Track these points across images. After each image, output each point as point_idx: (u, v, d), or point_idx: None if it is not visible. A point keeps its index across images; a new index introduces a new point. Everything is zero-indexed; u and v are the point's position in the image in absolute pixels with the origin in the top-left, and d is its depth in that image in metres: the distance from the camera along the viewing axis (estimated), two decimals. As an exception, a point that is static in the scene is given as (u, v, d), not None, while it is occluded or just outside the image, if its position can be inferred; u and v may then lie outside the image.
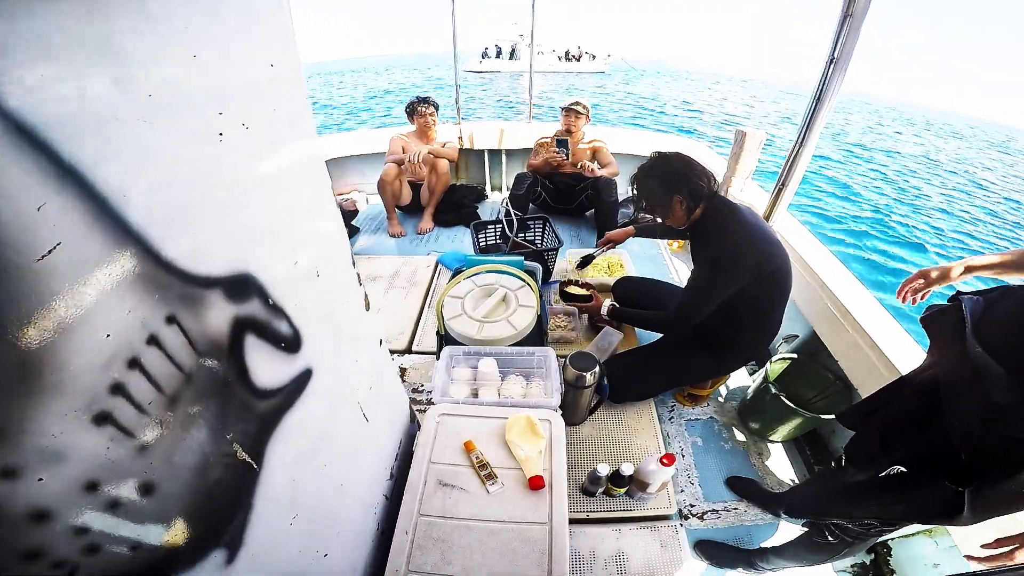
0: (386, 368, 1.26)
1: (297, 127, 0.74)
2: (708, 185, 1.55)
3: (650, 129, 13.32)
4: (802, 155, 2.09)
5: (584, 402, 1.76)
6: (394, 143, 3.39)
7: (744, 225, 1.51)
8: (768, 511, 1.73)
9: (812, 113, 1.99)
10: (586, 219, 3.74)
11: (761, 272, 1.50)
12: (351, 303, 1.00)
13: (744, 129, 2.67)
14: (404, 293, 2.61)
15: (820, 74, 1.92)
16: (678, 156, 1.59)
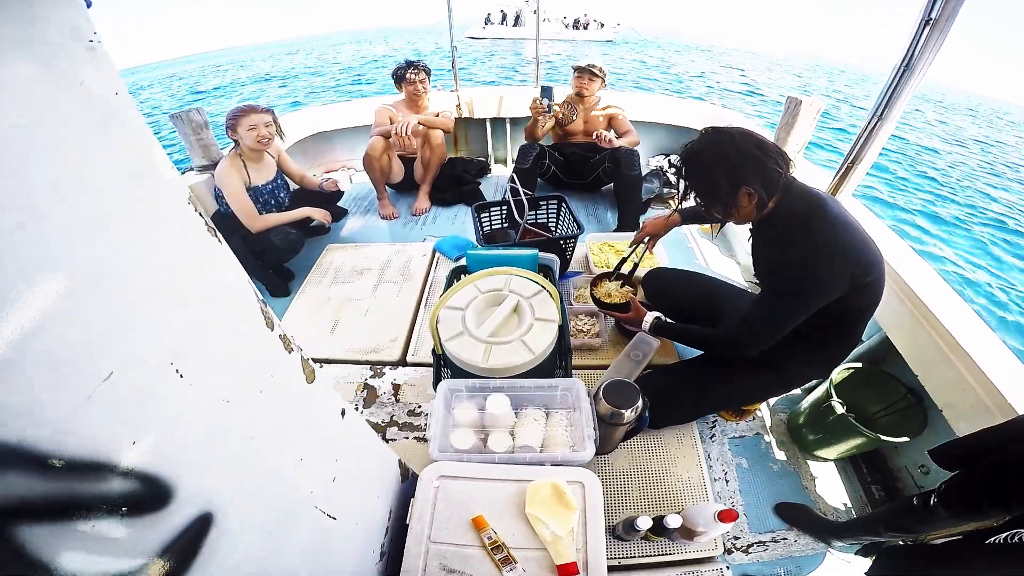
0: (356, 439, 0.95)
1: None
2: (785, 170, 1.19)
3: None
4: (880, 130, 1.71)
5: (617, 436, 1.46)
6: (381, 114, 2.98)
7: (833, 223, 1.16)
8: (821, 540, 1.51)
9: (897, 81, 1.61)
10: (603, 195, 3.35)
11: (855, 283, 1.16)
12: (282, 385, 0.68)
13: (798, 96, 2.28)
14: (397, 288, 2.28)
15: (911, 36, 1.54)
16: (742, 132, 1.19)
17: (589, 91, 2.96)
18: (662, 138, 3.71)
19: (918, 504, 1.17)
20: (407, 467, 1.23)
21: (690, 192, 1.29)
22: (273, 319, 0.63)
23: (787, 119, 2.33)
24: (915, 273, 1.64)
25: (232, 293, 0.57)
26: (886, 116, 1.68)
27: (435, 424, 1.23)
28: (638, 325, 1.57)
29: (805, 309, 1.19)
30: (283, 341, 0.65)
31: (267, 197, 2.44)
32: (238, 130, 2.26)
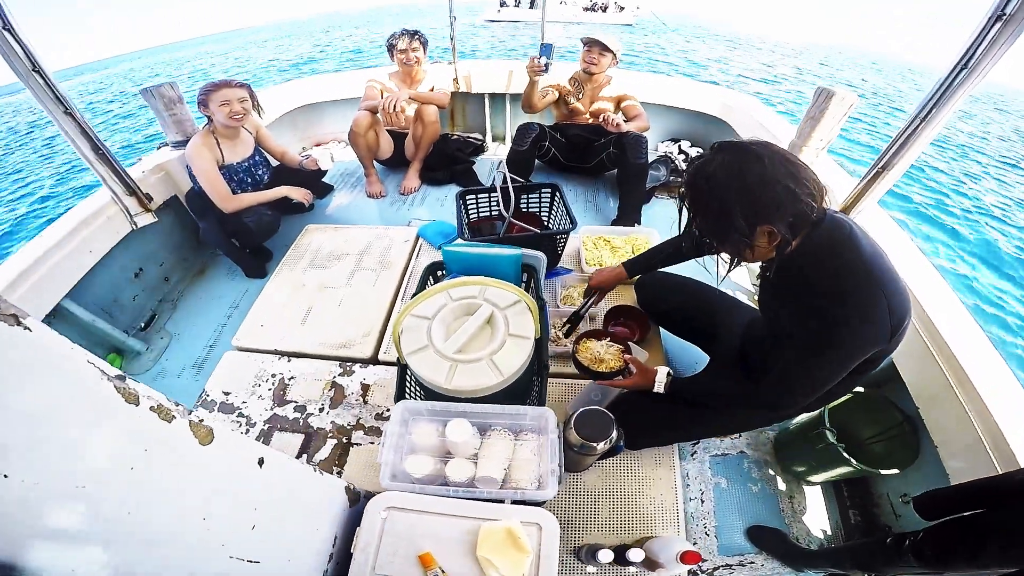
0: (283, 483, 0.86)
1: None
2: (820, 204, 0.96)
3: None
4: (923, 133, 1.52)
5: (589, 460, 1.38)
6: (370, 88, 2.81)
7: (869, 267, 0.96)
8: (789, 566, 1.47)
9: (952, 80, 1.42)
10: (604, 180, 3.17)
11: (893, 333, 0.98)
12: (164, 456, 0.60)
13: (830, 88, 2.08)
14: (374, 277, 2.16)
15: (977, 30, 1.35)
16: (772, 154, 0.94)
17: (598, 67, 2.75)
18: (673, 122, 3.51)
19: (890, 544, 1.13)
20: (357, 491, 1.15)
21: (696, 223, 1.06)
22: (138, 394, 0.53)
23: (814, 112, 2.13)
24: (934, 297, 1.51)
25: (69, 382, 0.47)
26: (932, 118, 1.49)
27: (388, 448, 1.14)
28: (649, 388, 1.36)
29: (849, 366, 1.01)
30: (159, 412, 0.55)
31: (243, 176, 2.31)
32: (209, 106, 2.13)
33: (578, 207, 2.91)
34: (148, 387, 0.57)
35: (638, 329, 1.83)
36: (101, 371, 0.50)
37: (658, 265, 1.67)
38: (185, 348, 2.14)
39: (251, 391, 1.71)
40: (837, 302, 0.96)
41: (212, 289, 2.42)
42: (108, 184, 1.99)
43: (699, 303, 1.63)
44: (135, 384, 0.54)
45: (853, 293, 0.95)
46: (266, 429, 1.61)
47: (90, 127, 1.84)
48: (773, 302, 1.17)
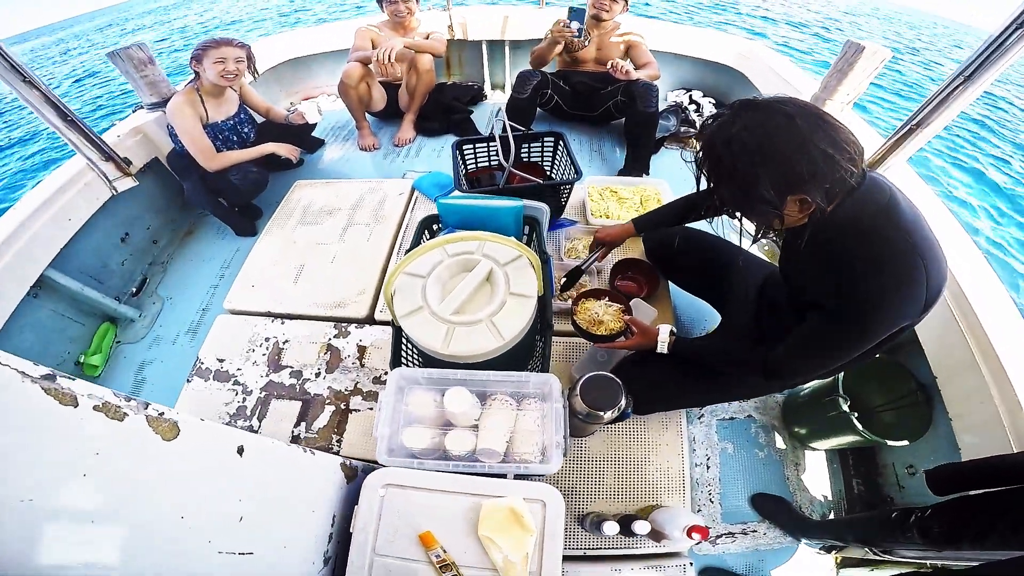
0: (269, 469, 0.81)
1: None
2: (858, 169, 0.85)
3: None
4: (964, 93, 1.39)
5: (595, 427, 1.33)
6: (360, 36, 2.60)
7: (910, 235, 0.86)
8: (790, 535, 1.46)
9: (1005, 39, 1.28)
10: (611, 130, 2.99)
11: (926, 307, 0.90)
12: (123, 456, 0.54)
13: (860, 41, 1.90)
14: (367, 232, 2.06)
15: None
16: (809, 116, 0.81)
17: (610, 13, 2.53)
18: (685, 71, 3.29)
19: (895, 520, 1.09)
20: (354, 467, 1.11)
21: (720, 191, 0.93)
22: (75, 393, 0.46)
23: (842, 65, 1.96)
24: (963, 261, 1.42)
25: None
26: (976, 77, 1.36)
27: (384, 420, 1.08)
28: (652, 348, 1.29)
29: (870, 343, 0.93)
30: (106, 411, 0.48)
31: (228, 134, 2.18)
32: (203, 62, 1.99)
33: (583, 157, 2.77)
34: (90, 384, 0.50)
35: (646, 284, 1.74)
36: (21, 372, 0.43)
37: (671, 223, 1.55)
38: (178, 312, 2.09)
39: (246, 357, 1.66)
40: (873, 273, 0.86)
41: (202, 250, 2.34)
42: (82, 151, 1.89)
43: (712, 257, 1.51)
44: (70, 383, 0.47)
45: (891, 263, 0.85)
46: (263, 397, 1.56)
47: (54, 94, 1.73)
48: (799, 269, 1.07)
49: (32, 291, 1.78)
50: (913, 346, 1.46)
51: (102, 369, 1.94)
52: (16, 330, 1.74)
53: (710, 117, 0.92)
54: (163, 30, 18.12)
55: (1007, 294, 1.35)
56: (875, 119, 7.31)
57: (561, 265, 1.82)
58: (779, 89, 2.56)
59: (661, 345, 1.27)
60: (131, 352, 1.98)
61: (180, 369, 1.78)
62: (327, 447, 1.45)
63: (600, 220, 2.02)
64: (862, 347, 0.95)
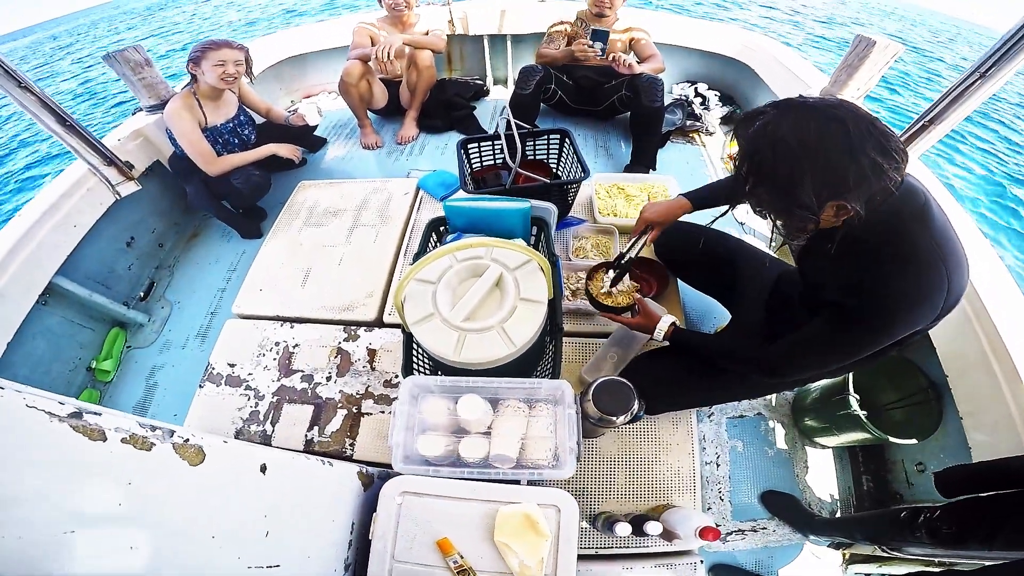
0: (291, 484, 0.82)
1: None
2: (902, 177, 0.83)
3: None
4: (980, 89, 1.38)
5: (607, 429, 1.33)
6: (359, 34, 2.58)
7: (939, 243, 0.85)
8: (799, 532, 1.47)
9: (1020, 36, 1.27)
10: (616, 124, 2.97)
11: (941, 315, 0.90)
12: (154, 483, 0.56)
13: (871, 35, 1.88)
14: (374, 233, 2.06)
15: None
16: (853, 113, 0.79)
17: (612, 10, 2.51)
18: (690, 64, 3.26)
19: (904, 519, 1.10)
20: (370, 474, 1.12)
21: (756, 189, 0.90)
22: (103, 428, 0.47)
23: (852, 59, 1.95)
24: (977, 262, 1.41)
25: (7, 430, 0.40)
26: (993, 73, 1.34)
27: (399, 429, 1.09)
28: (649, 332, 1.30)
29: (879, 346, 0.93)
30: (134, 443, 0.49)
31: (228, 136, 2.16)
32: (202, 64, 1.96)
33: (588, 152, 2.76)
34: (115, 415, 0.51)
35: (656, 283, 1.73)
36: (49, 413, 0.43)
37: (722, 202, 1.44)
38: (187, 317, 2.10)
39: (256, 361, 1.67)
40: (898, 277, 0.85)
41: (208, 252, 2.34)
42: (83, 156, 1.88)
43: (723, 254, 1.49)
44: (96, 418, 0.48)
45: (917, 269, 0.84)
46: (275, 402, 1.57)
47: (51, 99, 1.72)
48: (820, 267, 1.05)
49: (41, 299, 1.79)
50: (924, 344, 1.46)
51: (114, 374, 1.95)
52: (28, 337, 1.76)
53: (744, 114, 0.89)
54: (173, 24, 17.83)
55: (1020, 292, 1.35)
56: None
57: (569, 265, 1.81)
58: (786, 82, 2.53)
59: (658, 333, 1.28)
60: (142, 357, 2.00)
61: (191, 373, 1.80)
62: (340, 451, 1.46)
63: (608, 218, 2.00)
64: (871, 349, 0.94)
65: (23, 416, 0.42)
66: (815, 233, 0.99)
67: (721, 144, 2.82)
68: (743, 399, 1.63)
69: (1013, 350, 1.19)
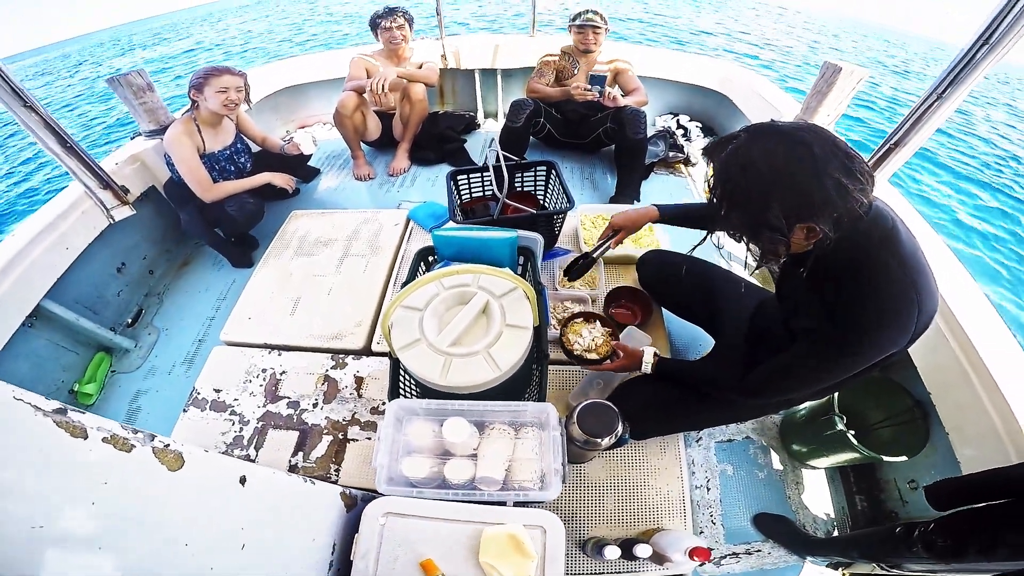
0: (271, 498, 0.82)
1: None
2: (869, 199, 0.85)
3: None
4: (938, 111, 1.45)
5: (593, 453, 1.33)
6: (355, 66, 2.68)
7: (907, 265, 0.88)
8: (795, 553, 1.45)
9: (971, 58, 1.35)
10: (602, 157, 3.07)
11: (915, 334, 0.91)
12: (129, 484, 0.56)
13: (838, 63, 1.99)
14: (364, 263, 2.08)
15: (999, 6, 1.27)
16: (824, 142, 0.81)
17: (597, 45, 2.64)
18: (671, 96, 3.40)
19: (899, 534, 1.10)
20: (354, 495, 1.11)
21: (729, 213, 0.92)
22: (85, 426, 0.47)
23: (821, 86, 2.05)
24: (949, 280, 1.46)
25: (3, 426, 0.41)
26: (948, 95, 1.42)
27: (383, 450, 1.09)
28: (636, 369, 1.34)
29: (854, 370, 0.96)
30: (114, 443, 0.49)
31: (224, 164, 2.21)
32: (204, 91, 2.01)
33: (575, 184, 2.83)
34: (99, 417, 0.51)
35: (640, 312, 1.77)
36: (34, 406, 0.44)
37: (691, 224, 1.53)
38: (174, 343, 2.08)
39: (242, 387, 1.65)
40: (866, 302, 0.88)
41: (198, 281, 2.35)
42: (80, 178, 1.89)
43: (704, 283, 1.54)
44: (80, 416, 0.48)
45: (886, 294, 0.87)
46: (260, 427, 1.55)
47: (54, 120, 1.74)
48: (795, 291, 1.09)
49: (28, 320, 1.78)
50: (906, 364, 1.48)
51: (96, 398, 1.92)
52: (10, 359, 1.73)
53: (717, 140, 0.92)
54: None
55: (991, 307, 1.39)
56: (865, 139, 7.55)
57: (556, 295, 1.84)
58: (763, 112, 2.64)
59: (645, 366, 1.32)
60: (126, 382, 1.97)
61: (175, 399, 1.77)
62: (325, 476, 1.44)
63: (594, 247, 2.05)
64: (847, 372, 0.97)
65: (11, 407, 0.43)
66: (789, 258, 1.03)
67: (703, 174, 2.91)
68: (729, 423, 1.63)
69: (991, 364, 1.22)
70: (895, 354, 0.96)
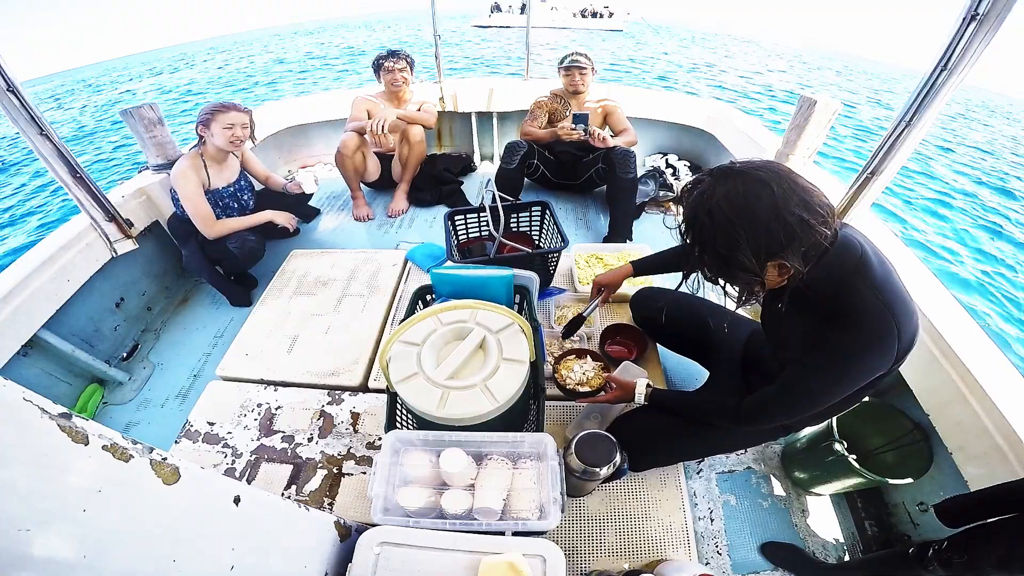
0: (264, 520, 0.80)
1: None
2: (832, 230, 0.89)
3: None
4: (908, 137, 1.52)
5: (592, 484, 1.31)
6: (357, 107, 2.79)
7: (882, 289, 0.90)
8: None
9: (933, 83, 1.42)
10: (595, 197, 3.15)
11: (899, 355, 0.93)
12: (122, 496, 0.56)
13: (813, 96, 2.09)
14: (362, 303, 2.10)
15: (953, 31, 1.35)
16: (782, 182, 0.84)
17: (585, 85, 2.77)
18: (660, 136, 3.51)
19: (913, 555, 1.09)
20: (348, 526, 1.08)
21: (700, 255, 0.95)
22: (87, 432, 0.48)
23: (799, 120, 2.14)
24: (934, 302, 1.48)
25: (11, 425, 0.43)
26: (916, 121, 1.49)
27: (379, 481, 1.07)
28: (630, 400, 1.36)
29: (842, 394, 0.98)
30: (113, 452, 0.50)
31: (228, 200, 2.25)
32: (211, 127, 2.07)
33: (569, 224, 2.89)
34: (102, 426, 0.51)
35: (635, 347, 1.80)
36: (41, 409, 0.45)
37: (665, 270, 1.59)
38: (168, 378, 2.06)
39: (237, 421, 1.63)
40: (845, 331, 0.91)
41: (196, 318, 2.35)
42: (86, 209, 1.92)
43: (694, 318, 1.58)
44: (83, 423, 0.49)
45: (862, 321, 0.90)
46: (253, 460, 1.53)
47: (67, 149, 1.78)
48: (777, 327, 1.12)
49: (23, 350, 1.77)
50: (901, 387, 1.49)
51: (85, 429, 1.89)
52: None
53: (689, 183, 0.95)
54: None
55: (976, 325, 1.41)
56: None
57: (552, 333, 1.86)
58: (747, 149, 2.73)
59: (638, 397, 1.33)
60: (117, 413, 1.94)
61: (167, 431, 1.75)
62: (319, 510, 1.40)
63: (588, 288, 2.08)
64: (835, 397, 0.99)
65: (19, 407, 0.43)
66: (768, 294, 1.08)
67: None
68: (728, 451, 1.61)
69: (984, 382, 1.22)
70: (884, 376, 0.99)
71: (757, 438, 1.37)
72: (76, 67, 21.68)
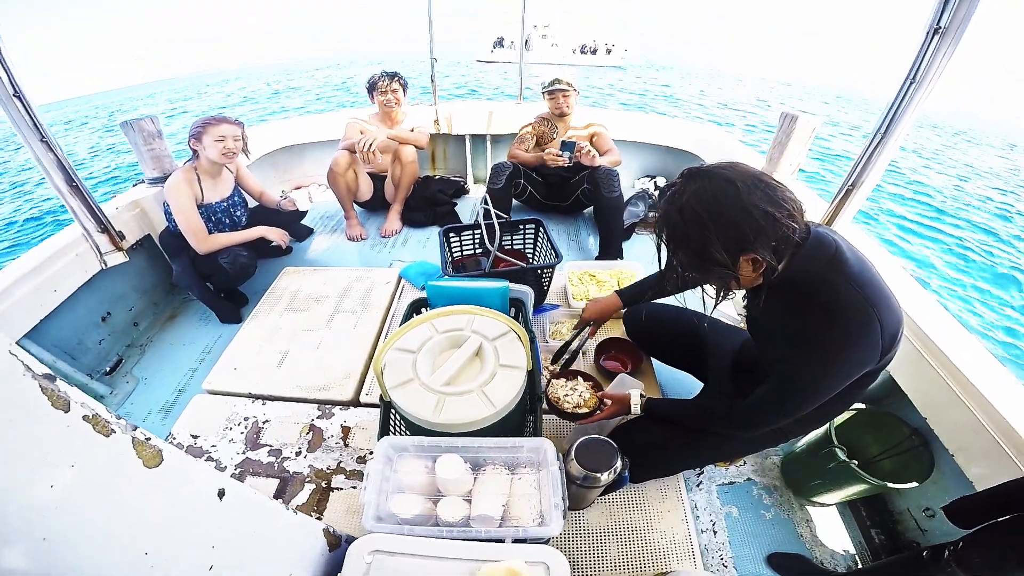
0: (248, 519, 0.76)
1: None
2: (800, 224, 0.92)
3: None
4: (883, 149, 1.56)
5: (593, 494, 1.27)
6: (350, 127, 2.82)
7: (859, 283, 0.92)
8: None
9: (903, 97, 1.47)
10: (585, 219, 3.18)
11: (884, 352, 0.94)
12: (98, 475, 0.52)
13: (793, 112, 2.14)
14: (354, 319, 2.07)
15: (919, 46, 1.40)
16: (745, 177, 0.88)
17: (569, 107, 2.82)
18: (649, 159, 3.57)
19: (927, 558, 1.07)
20: (338, 535, 1.03)
21: (676, 262, 1.00)
22: (69, 399, 0.45)
23: (780, 137, 2.19)
24: (921, 307, 1.49)
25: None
26: (889, 135, 1.53)
27: (372, 488, 1.03)
28: (627, 412, 1.35)
29: (833, 391, 0.98)
30: (94, 423, 0.47)
31: (221, 215, 2.23)
32: (203, 140, 2.06)
33: (560, 246, 2.85)
34: (87, 396, 0.48)
35: (630, 361, 1.79)
36: (25, 365, 0.42)
37: (649, 296, 1.61)
38: (152, 392, 2.00)
39: (222, 434, 1.58)
40: (828, 325, 0.92)
41: (183, 335, 2.29)
42: (80, 219, 1.89)
43: (686, 330, 1.58)
44: (68, 388, 0.46)
45: (842, 315, 0.91)
46: (237, 474, 1.47)
47: (67, 159, 1.77)
48: (760, 328, 1.13)
49: None
50: (896, 393, 1.48)
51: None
52: None
53: (663, 188, 0.99)
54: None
55: (960, 326, 1.42)
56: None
57: (547, 347, 1.85)
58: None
59: (634, 408, 1.32)
60: None
61: (149, 445, 1.67)
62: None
63: (581, 303, 2.09)
64: (825, 394, 0.99)
65: (3, 359, 0.41)
66: (749, 294, 1.09)
67: None
68: (727, 459, 1.58)
69: (976, 381, 1.22)
70: (874, 373, 1.00)
71: (755, 443, 1.34)
72: (87, 94, 21.41)
